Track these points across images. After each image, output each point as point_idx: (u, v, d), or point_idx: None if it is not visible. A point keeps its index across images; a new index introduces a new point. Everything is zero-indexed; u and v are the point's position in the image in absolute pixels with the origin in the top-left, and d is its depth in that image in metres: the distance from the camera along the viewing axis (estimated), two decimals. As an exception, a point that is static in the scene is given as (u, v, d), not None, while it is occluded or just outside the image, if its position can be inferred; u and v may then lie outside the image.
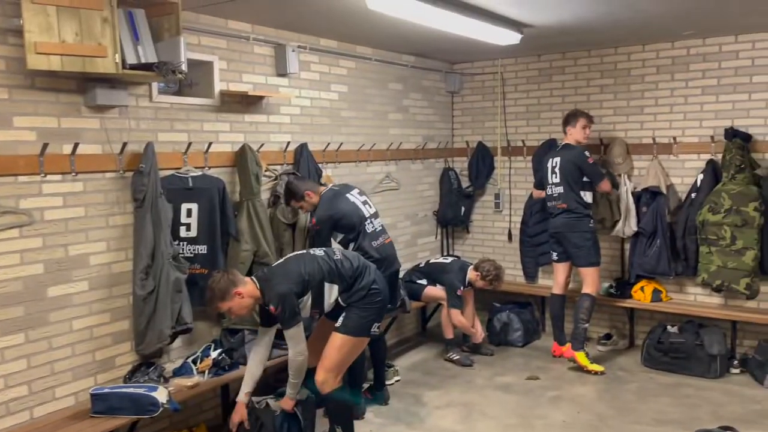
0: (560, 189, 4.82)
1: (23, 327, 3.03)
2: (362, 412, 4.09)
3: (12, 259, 2.97)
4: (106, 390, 3.15)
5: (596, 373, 4.75)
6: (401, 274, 4.50)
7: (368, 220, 4.00)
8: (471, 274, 5.03)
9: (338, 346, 3.29)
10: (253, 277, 3.28)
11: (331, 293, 3.28)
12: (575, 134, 4.84)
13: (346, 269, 3.30)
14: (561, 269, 5.03)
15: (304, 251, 3.58)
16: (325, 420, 3.67)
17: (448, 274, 5.05)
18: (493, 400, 4.36)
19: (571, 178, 4.75)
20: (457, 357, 5.05)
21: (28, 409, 3.07)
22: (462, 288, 4.99)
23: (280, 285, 3.15)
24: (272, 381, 3.87)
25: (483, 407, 4.23)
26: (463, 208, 6.01)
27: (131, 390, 3.16)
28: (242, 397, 3.35)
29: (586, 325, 4.82)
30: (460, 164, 6.20)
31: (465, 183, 6.10)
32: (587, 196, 4.80)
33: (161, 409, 3.11)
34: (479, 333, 5.25)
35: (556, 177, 4.84)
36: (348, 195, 4.02)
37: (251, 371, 3.37)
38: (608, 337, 5.40)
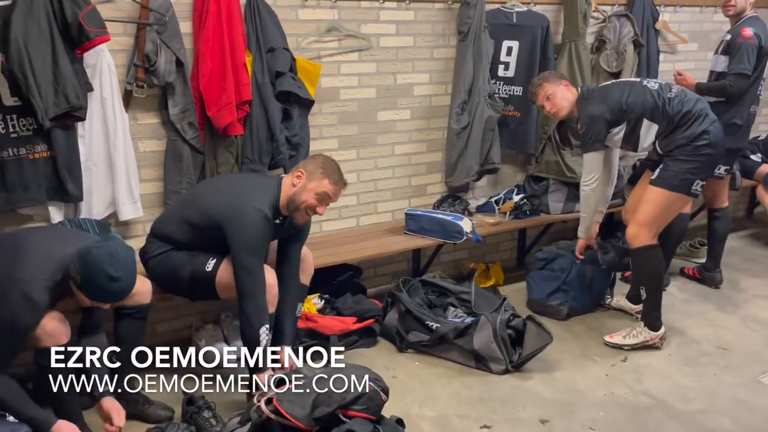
0: None
1: (356, 145, 3.38)
2: (719, 281, 3.78)
3: (351, 81, 3.26)
4: (419, 212, 3.43)
5: None
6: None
7: (764, 80, 3.51)
8: None
9: (651, 200, 2.98)
10: (579, 88, 3.15)
11: (649, 132, 2.95)
12: None
13: (674, 110, 2.88)
14: None
15: (637, 79, 3.28)
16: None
17: None
18: (836, 303, 3.65)
19: None
20: (791, 248, 4.30)
21: (355, 217, 3.51)
22: None
23: (594, 106, 2.98)
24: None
25: (820, 308, 3.58)
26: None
27: (440, 216, 3.37)
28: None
29: None
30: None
31: None
32: None
33: (465, 238, 3.30)
34: None
35: None
36: None
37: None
38: None
